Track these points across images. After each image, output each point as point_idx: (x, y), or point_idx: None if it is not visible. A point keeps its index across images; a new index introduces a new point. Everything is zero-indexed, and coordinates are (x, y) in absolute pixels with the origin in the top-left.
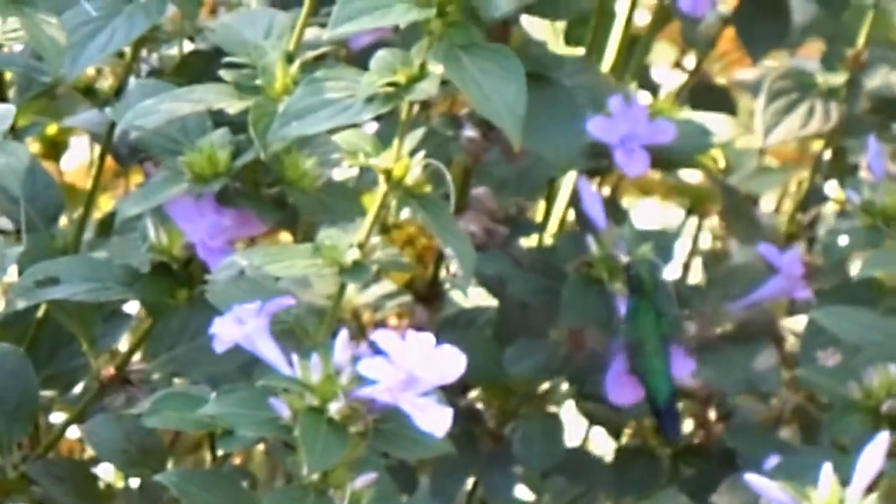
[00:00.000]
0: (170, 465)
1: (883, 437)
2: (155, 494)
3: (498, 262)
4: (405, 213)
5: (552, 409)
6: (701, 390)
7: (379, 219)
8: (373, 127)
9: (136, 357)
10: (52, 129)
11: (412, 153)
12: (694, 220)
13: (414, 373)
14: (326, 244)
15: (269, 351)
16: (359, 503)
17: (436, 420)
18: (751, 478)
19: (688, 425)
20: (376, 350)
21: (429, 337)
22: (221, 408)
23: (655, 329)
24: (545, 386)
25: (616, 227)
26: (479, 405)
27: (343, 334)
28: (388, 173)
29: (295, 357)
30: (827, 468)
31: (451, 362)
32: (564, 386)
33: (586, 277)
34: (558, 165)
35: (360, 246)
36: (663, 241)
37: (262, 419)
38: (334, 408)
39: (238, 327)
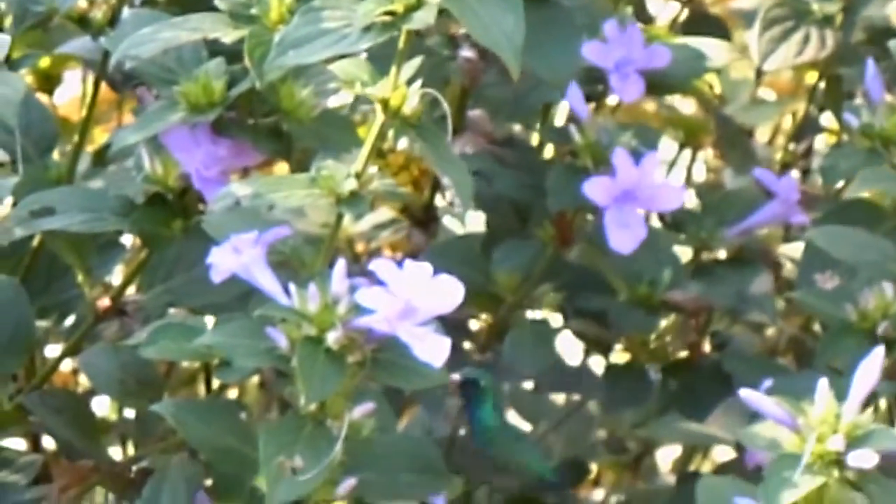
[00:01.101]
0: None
1: (878, 352)
2: (151, 426)
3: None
4: (403, 143)
5: (541, 316)
6: (690, 303)
7: (375, 148)
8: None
9: (131, 288)
10: (45, 62)
11: (409, 82)
12: (687, 154)
13: (412, 302)
14: (323, 174)
15: (266, 281)
16: (359, 433)
17: (434, 350)
18: (746, 393)
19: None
20: (374, 280)
21: (426, 266)
22: (219, 338)
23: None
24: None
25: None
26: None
27: (341, 264)
28: (385, 103)
29: (292, 287)
30: (823, 383)
31: (449, 291)
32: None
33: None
34: (555, 86)
35: (358, 176)
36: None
37: (260, 349)
38: (332, 337)
39: (235, 257)
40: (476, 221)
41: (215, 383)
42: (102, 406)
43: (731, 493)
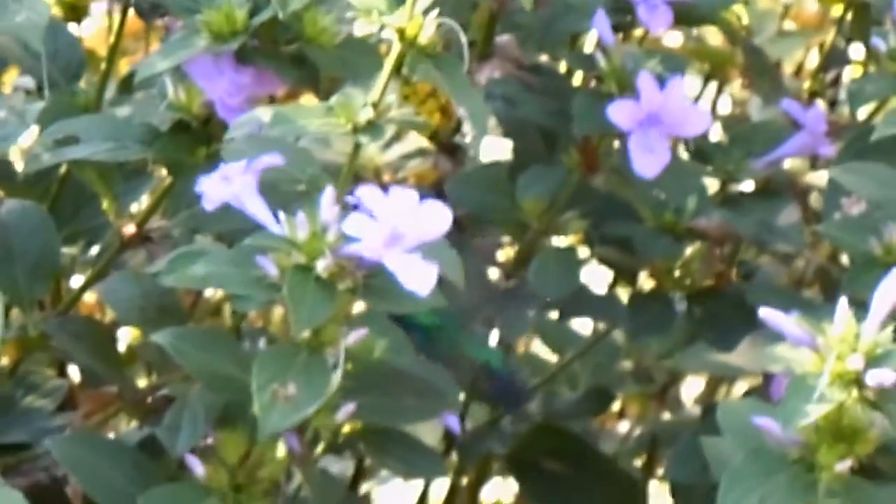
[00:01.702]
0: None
1: None
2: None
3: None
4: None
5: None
6: (715, 231)
7: (392, 77)
8: None
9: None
10: None
11: (426, 12)
12: (713, 87)
13: (398, 229)
14: (341, 102)
15: (257, 209)
16: (370, 354)
17: (421, 277)
18: (765, 312)
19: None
20: (361, 206)
21: (412, 193)
22: (210, 267)
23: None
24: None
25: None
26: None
27: (329, 191)
28: (401, 32)
29: (282, 215)
30: (843, 303)
31: (436, 217)
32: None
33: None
34: (583, 14)
35: (375, 105)
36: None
37: (250, 277)
38: (321, 265)
39: (226, 185)
40: (502, 148)
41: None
42: (127, 336)
43: (752, 414)
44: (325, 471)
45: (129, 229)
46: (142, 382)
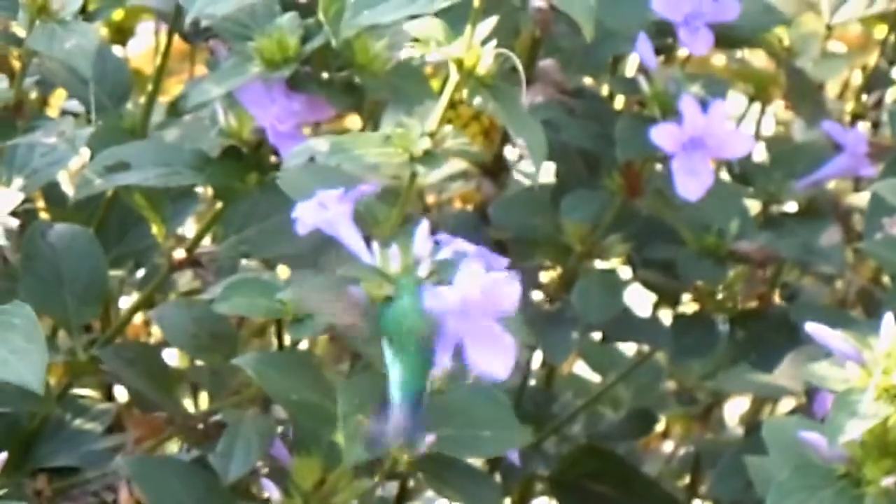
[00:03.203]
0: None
1: None
2: (225, 380)
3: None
4: (477, 101)
5: (610, 265)
6: (757, 253)
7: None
8: None
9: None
10: (118, 14)
11: (484, 42)
12: (756, 108)
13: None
14: (398, 132)
15: (350, 237)
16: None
17: (499, 358)
18: (812, 327)
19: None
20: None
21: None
22: (298, 295)
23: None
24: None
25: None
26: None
27: (424, 225)
28: (459, 63)
29: (375, 246)
30: (888, 318)
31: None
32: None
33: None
34: (625, 37)
35: (431, 135)
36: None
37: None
38: None
39: (321, 212)
40: (546, 172)
41: (286, 337)
42: (173, 357)
43: (797, 430)
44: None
45: (179, 253)
46: (187, 403)
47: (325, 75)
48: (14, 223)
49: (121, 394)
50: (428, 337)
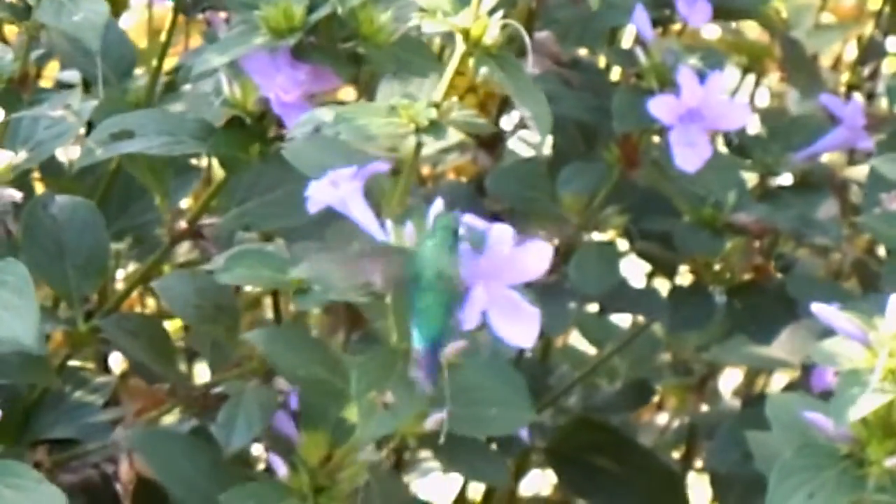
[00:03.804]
0: None
1: None
2: (226, 351)
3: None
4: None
5: (607, 237)
6: (754, 225)
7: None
8: None
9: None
10: None
11: (491, 13)
12: (751, 79)
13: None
14: (404, 103)
15: (363, 215)
16: (457, 364)
17: (524, 327)
18: (818, 308)
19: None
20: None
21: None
22: (313, 271)
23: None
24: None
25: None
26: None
27: (438, 203)
28: (466, 33)
29: (389, 223)
30: (894, 299)
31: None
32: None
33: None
34: (622, 9)
35: (437, 105)
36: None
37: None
38: None
39: (332, 190)
40: (542, 144)
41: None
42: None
43: (800, 408)
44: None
45: (181, 225)
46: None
47: (330, 45)
48: (18, 195)
49: (116, 364)
50: (453, 283)
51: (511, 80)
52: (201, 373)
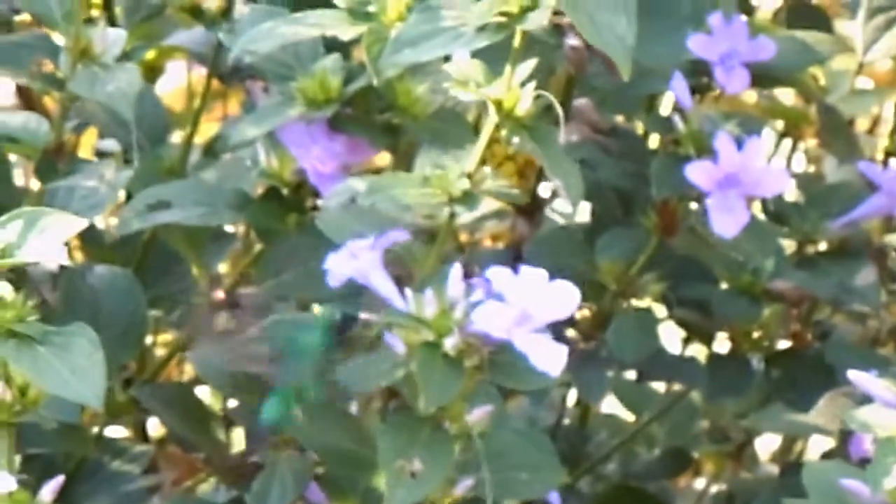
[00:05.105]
0: None
1: None
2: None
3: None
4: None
5: (645, 304)
6: (792, 292)
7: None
8: None
9: None
10: (150, 53)
11: (523, 84)
12: (787, 145)
13: (528, 310)
14: (437, 174)
15: (382, 284)
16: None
17: (551, 357)
18: (854, 375)
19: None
20: (490, 288)
21: (542, 272)
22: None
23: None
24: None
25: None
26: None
27: (457, 268)
28: (499, 104)
29: (408, 291)
30: None
31: (565, 297)
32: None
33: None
34: (660, 76)
35: (470, 176)
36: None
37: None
38: (450, 343)
39: (351, 262)
40: (580, 210)
41: None
42: (205, 393)
43: (838, 476)
44: None
45: (218, 294)
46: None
47: (367, 117)
48: (55, 264)
49: (154, 429)
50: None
51: (543, 150)
52: (240, 438)
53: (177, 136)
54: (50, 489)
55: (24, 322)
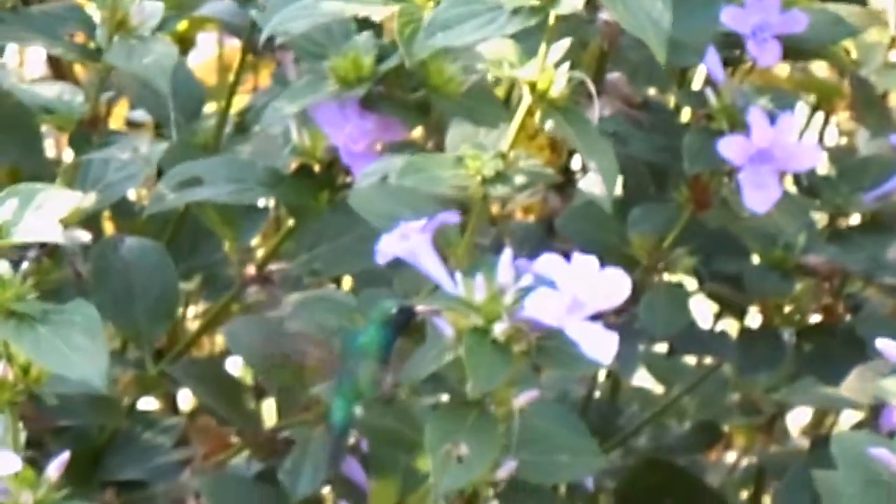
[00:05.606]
0: None
1: None
2: (294, 396)
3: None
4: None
5: (677, 278)
6: (824, 266)
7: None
8: None
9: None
10: (182, 24)
11: (557, 64)
12: (819, 118)
13: (579, 298)
14: (470, 154)
15: (432, 267)
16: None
17: (602, 345)
18: (883, 343)
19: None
20: (541, 275)
21: (593, 260)
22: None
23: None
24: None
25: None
26: None
27: (507, 254)
28: (532, 85)
29: (459, 275)
30: None
31: (616, 285)
32: None
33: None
34: (693, 50)
35: (503, 156)
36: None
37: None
38: (499, 329)
39: (402, 243)
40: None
41: None
42: (236, 365)
43: (867, 446)
44: None
45: (250, 270)
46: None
47: (399, 96)
48: (87, 236)
49: (185, 402)
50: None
51: (577, 133)
52: (270, 409)
53: (209, 110)
54: (56, 466)
55: (23, 301)
